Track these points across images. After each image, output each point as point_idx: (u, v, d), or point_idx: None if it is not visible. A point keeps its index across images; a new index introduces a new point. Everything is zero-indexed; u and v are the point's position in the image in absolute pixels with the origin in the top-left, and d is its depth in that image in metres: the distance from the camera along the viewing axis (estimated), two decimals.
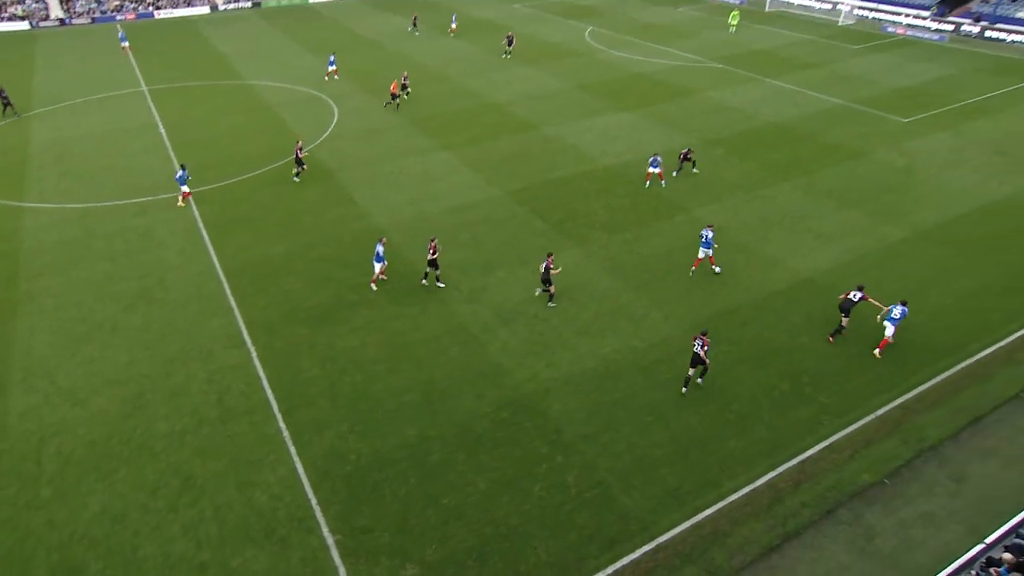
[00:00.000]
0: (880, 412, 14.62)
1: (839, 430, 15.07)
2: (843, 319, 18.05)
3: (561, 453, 14.86)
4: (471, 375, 17.26)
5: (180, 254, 22.58)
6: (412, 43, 49.26)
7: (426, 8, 63.60)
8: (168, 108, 36.31)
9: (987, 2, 52.95)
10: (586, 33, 52.67)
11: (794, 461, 14.51)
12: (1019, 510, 12.87)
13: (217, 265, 21.99)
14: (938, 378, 15.77)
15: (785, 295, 20.11)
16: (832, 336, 18.06)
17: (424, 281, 20.74)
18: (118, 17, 59.97)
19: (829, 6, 59.99)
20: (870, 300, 17.93)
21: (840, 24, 55.93)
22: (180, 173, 25.38)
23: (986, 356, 16.82)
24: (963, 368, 16.34)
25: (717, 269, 21.26)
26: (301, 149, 27.68)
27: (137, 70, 43.64)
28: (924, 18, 54.11)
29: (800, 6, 61.75)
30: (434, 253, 20.08)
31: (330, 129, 33.27)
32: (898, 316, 17.37)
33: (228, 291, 20.66)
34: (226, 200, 26.36)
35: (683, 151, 27.99)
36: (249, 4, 65.71)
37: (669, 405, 16.19)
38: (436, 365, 17.60)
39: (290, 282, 21.11)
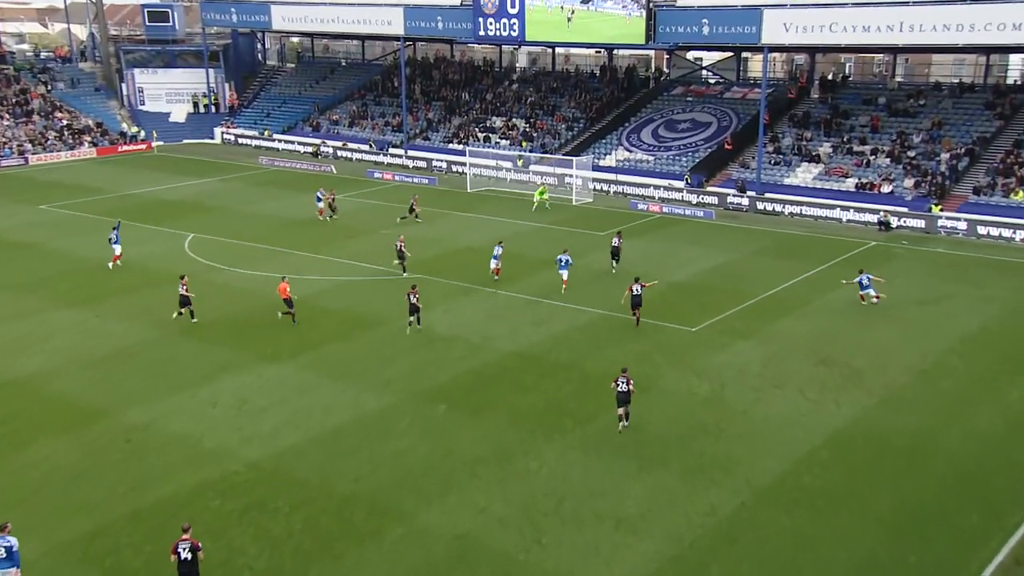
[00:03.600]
0: None
1: None
2: None
3: None
4: None
5: None
6: None
7: None
8: None
9: (746, 167, 67.36)
10: (186, 243, 54.56)
11: None
12: None
13: None
14: None
15: None
16: None
17: None
18: None
19: (553, 180, 70.87)
20: None
21: (575, 204, 65.92)
22: None
23: None
24: None
25: None
26: None
27: None
28: (679, 190, 66.45)
29: (515, 181, 71.91)
30: None
31: None
32: (867, 283, 40.58)
33: None
34: None
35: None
36: None
37: None
38: None
39: None
